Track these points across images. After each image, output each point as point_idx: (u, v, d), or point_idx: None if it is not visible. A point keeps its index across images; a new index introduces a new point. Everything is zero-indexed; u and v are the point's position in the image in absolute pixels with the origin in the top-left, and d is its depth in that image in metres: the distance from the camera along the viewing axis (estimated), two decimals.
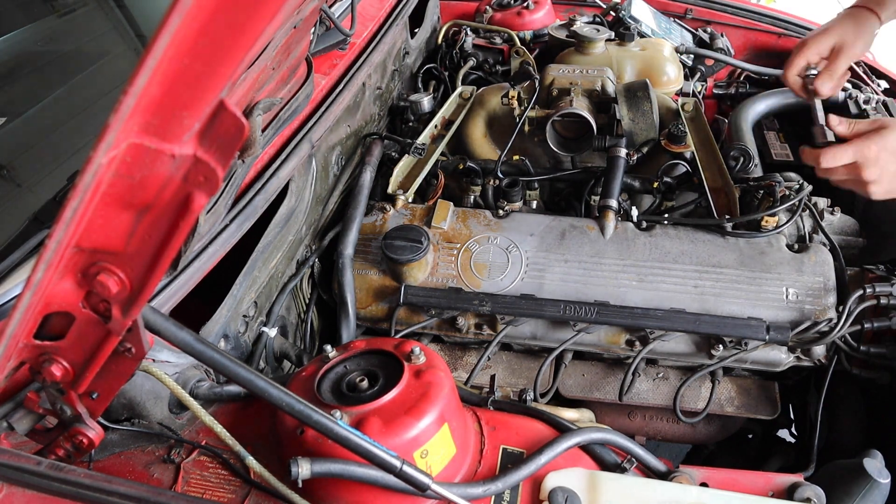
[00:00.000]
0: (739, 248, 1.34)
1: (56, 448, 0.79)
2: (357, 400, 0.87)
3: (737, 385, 1.40)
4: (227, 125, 0.47)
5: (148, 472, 0.91)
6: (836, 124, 1.24)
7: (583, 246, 1.37)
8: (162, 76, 0.43)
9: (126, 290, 0.58)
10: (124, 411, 0.93)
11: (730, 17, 2.24)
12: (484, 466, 0.93)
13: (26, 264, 0.91)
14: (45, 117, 1.41)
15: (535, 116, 1.54)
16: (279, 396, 0.73)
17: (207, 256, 1.03)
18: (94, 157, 0.45)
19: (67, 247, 0.54)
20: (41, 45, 1.61)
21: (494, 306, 1.29)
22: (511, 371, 1.43)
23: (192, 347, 0.70)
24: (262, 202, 1.17)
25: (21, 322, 0.58)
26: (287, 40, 0.95)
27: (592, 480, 0.89)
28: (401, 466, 0.75)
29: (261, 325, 1.28)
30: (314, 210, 1.45)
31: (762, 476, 0.97)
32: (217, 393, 1.01)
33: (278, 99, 1.13)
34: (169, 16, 0.40)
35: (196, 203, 0.50)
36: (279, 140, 1.27)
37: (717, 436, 1.47)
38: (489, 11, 2.25)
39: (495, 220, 1.44)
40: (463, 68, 2.08)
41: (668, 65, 1.76)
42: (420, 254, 1.32)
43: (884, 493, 0.94)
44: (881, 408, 1.38)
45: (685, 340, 1.31)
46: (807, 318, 1.25)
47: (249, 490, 0.88)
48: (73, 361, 0.67)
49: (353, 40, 1.64)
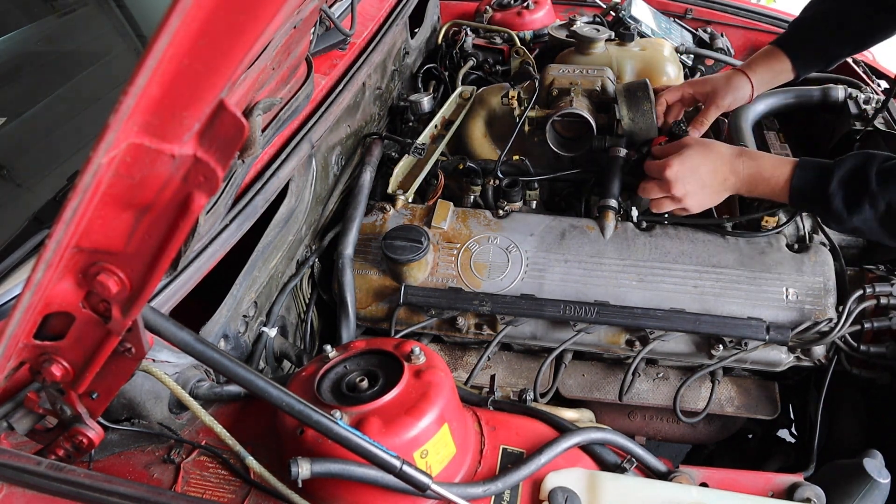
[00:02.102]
0: (739, 248, 1.34)
1: (56, 448, 0.79)
2: (357, 400, 0.87)
3: (737, 385, 1.40)
4: (227, 125, 0.47)
5: (148, 472, 0.91)
6: (654, 146, 1.39)
7: (583, 246, 1.37)
8: (162, 76, 0.43)
9: (126, 290, 0.58)
10: (124, 411, 0.93)
11: (730, 17, 2.24)
12: (484, 466, 0.93)
13: (26, 264, 0.90)
14: (45, 117, 1.41)
15: (535, 116, 1.54)
16: (279, 396, 0.73)
17: (207, 256, 1.03)
18: (94, 157, 0.45)
19: (67, 247, 0.54)
20: (41, 45, 1.61)
21: (494, 306, 1.29)
22: (511, 371, 1.43)
23: (192, 347, 0.70)
24: (262, 202, 1.17)
25: (21, 322, 0.58)
26: (287, 40, 0.95)
27: (592, 480, 0.89)
28: (401, 466, 0.75)
29: (261, 325, 1.28)
30: (314, 210, 1.45)
31: (762, 476, 0.97)
32: (217, 393, 1.01)
33: (278, 99, 1.13)
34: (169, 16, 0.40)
35: (196, 203, 0.50)
36: (279, 140, 1.27)
37: (717, 436, 1.47)
38: (489, 11, 2.25)
39: (495, 220, 1.44)
40: (463, 68, 2.08)
41: (668, 65, 1.76)
42: (420, 254, 1.32)
43: (884, 493, 0.94)
44: (881, 408, 1.38)
45: (685, 340, 1.31)
46: (807, 318, 1.25)
47: (249, 490, 0.88)
48: (73, 361, 0.67)
49: (353, 40, 1.64)
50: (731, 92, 1.45)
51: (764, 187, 1.24)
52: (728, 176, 1.27)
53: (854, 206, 1.11)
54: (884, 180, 1.09)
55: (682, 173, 1.27)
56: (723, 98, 1.45)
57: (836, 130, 1.65)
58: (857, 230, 1.15)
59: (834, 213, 1.15)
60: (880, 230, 1.12)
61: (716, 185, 1.28)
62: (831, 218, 1.17)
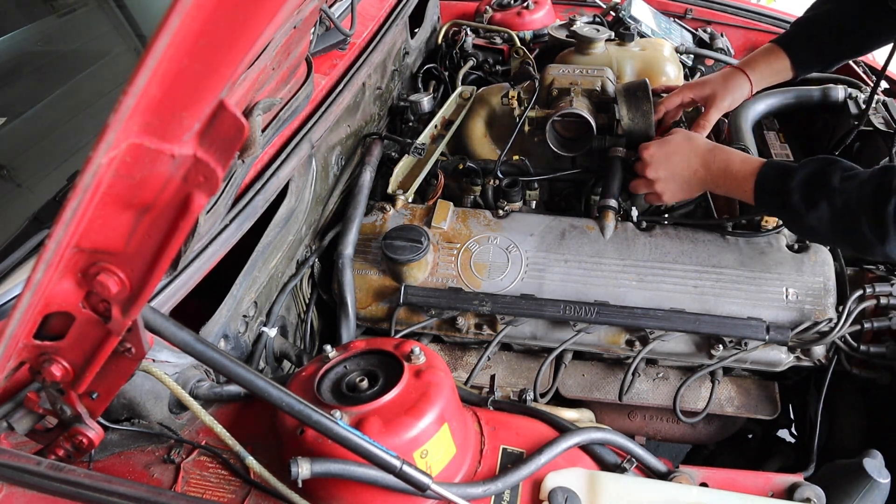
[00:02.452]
0: (739, 248, 1.34)
1: (56, 448, 0.79)
2: (357, 400, 0.87)
3: (737, 385, 1.40)
4: (226, 125, 0.47)
5: (148, 472, 0.91)
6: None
7: (583, 246, 1.37)
8: (162, 76, 0.43)
9: (126, 290, 0.58)
10: (124, 411, 0.93)
11: (730, 17, 2.23)
12: (484, 466, 0.93)
13: (26, 264, 0.90)
14: (45, 117, 1.41)
15: (535, 116, 1.54)
16: (279, 396, 0.73)
17: (207, 256, 1.03)
18: (94, 157, 0.45)
19: (67, 247, 0.54)
20: (41, 45, 1.61)
21: (494, 306, 1.29)
22: (511, 371, 1.43)
23: (192, 347, 0.70)
24: (262, 202, 1.17)
25: (21, 322, 0.58)
26: (287, 40, 0.95)
27: (592, 480, 0.89)
28: (401, 466, 0.75)
29: (261, 325, 1.28)
30: (314, 210, 1.45)
31: (762, 476, 0.97)
32: (217, 393, 1.01)
33: (278, 99, 1.13)
34: (169, 16, 0.40)
35: (196, 203, 0.50)
36: (279, 140, 1.27)
37: (717, 436, 1.47)
38: (489, 11, 2.25)
39: (495, 220, 1.44)
40: (463, 68, 2.08)
41: (668, 65, 1.76)
42: (420, 254, 1.32)
43: (884, 493, 0.94)
44: (881, 408, 1.38)
45: (685, 340, 1.31)
46: (807, 318, 1.25)
47: (249, 490, 0.88)
48: (73, 361, 0.67)
49: (353, 40, 1.64)
50: (730, 93, 1.45)
51: (731, 183, 1.25)
52: (698, 168, 1.28)
53: (812, 202, 1.11)
54: (843, 180, 1.09)
55: (656, 157, 1.33)
56: (722, 99, 1.45)
57: (836, 130, 1.65)
58: (812, 230, 1.14)
59: (792, 209, 1.14)
60: (831, 231, 1.11)
61: (686, 175, 1.30)
62: (789, 215, 1.16)
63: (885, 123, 1.57)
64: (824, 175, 1.11)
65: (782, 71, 1.45)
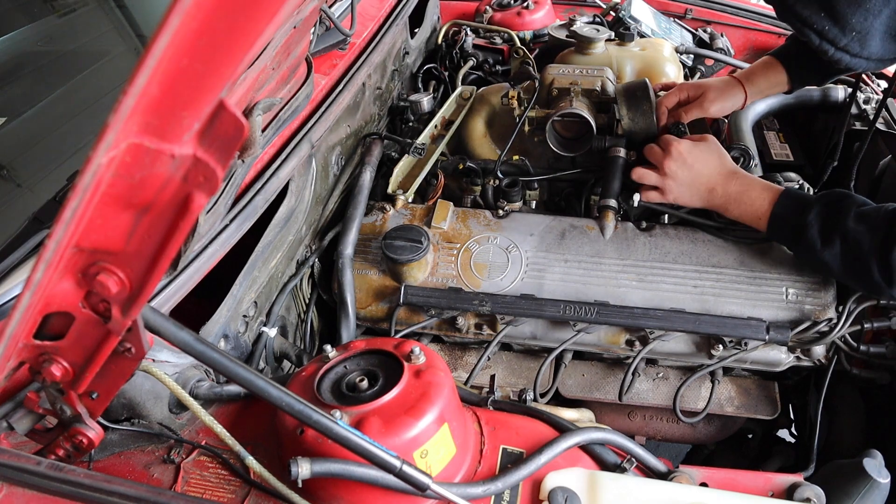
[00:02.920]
0: (739, 247, 1.34)
1: (56, 448, 0.79)
2: (357, 400, 0.87)
3: (737, 385, 1.40)
4: (226, 125, 0.47)
5: (148, 472, 0.91)
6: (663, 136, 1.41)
7: (583, 246, 1.37)
8: (162, 76, 0.43)
9: (126, 290, 0.58)
10: (124, 411, 0.93)
11: (730, 17, 2.24)
12: (484, 466, 0.93)
13: (26, 264, 0.90)
14: (45, 117, 1.42)
15: (535, 116, 1.54)
16: (279, 396, 0.73)
17: (207, 256, 1.03)
18: (94, 157, 0.45)
19: (67, 247, 0.54)
20: (41, 45, 1.62)
21: (494, 306, 1.29)
22: (511, 371, 1.43)
23: (192, 347, 0.70)
24: (262, 202, 1.17)
25: (21, 322, 0.58)
26: (287, 40, 0.95)
27: (592, 480, 0.89)
28: (400, 466, 0.75)
29: (261, 325, 1.28)
30: (314, 210, 1.45)
31: (762, 476, 0.97)
32: (217, 393, 1.01)
33: (278, 99, 1.13)
34: (169, 16, 0.40)
35: (196, 203, 0.50)
36: (279, 140, 1.27)
37: (717, 436, 1.47)
38: (489, 11, 2.25)
39: (495, 220, 1.44)
40: (463, 68, 2.08)
41: (668, 65, 1.76)
42: (420, 254, 1.32)
43: (883, 493, 0.94)
44: (881, 408, 1.38)
45: (685, 340, 1.31)
46: (807, 318, 1.25)
47: (249, 490, 0.88)
48: (72, 361, 0.67)
49: (353, 40, 1.64)
50: (721, 100, 1.47)
51: (745, 209, 1.26)
52: (716, 188, 1.29)
53: (827, 239, 1.14)
54: (858, 219, 1.12)
55: (685, 155, 1.32)
56: (711, 103, 1.47)
57: (835, 130, 1.65)
58: (825, 265, 1.17)
59: (807, 243, 1.17)
60: (842, 268, 1.15)
61: (701, 188, 1.31)
62: (803, 247, 1.19)
63: (886, 123, 1.57)
64: (842, 211, 1.14)
65: (779, 84, 1.47)
